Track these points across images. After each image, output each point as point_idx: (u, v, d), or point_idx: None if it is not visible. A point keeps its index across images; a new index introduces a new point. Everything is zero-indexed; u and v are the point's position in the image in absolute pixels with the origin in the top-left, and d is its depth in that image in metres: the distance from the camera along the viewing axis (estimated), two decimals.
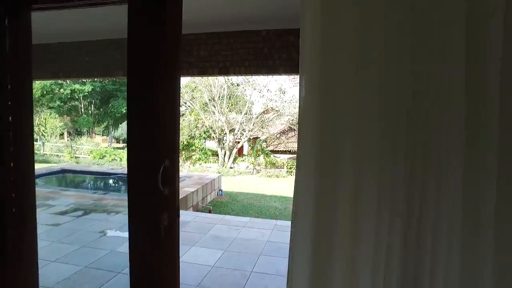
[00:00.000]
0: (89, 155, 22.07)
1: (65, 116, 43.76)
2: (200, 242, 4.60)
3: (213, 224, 5.45)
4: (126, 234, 4.92)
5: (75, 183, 10.76)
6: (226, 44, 5.38)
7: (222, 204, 9.55)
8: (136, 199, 1.55)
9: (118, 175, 10.60)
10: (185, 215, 5.99)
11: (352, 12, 1.27)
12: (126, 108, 1.67)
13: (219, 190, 10.29)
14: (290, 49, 5.15)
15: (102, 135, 46.68)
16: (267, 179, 16.43)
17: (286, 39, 5.13)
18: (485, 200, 1.20)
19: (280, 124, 24.00)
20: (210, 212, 8.36)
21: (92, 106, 45.03)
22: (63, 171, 11.19)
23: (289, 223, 4.79)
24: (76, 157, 21.89)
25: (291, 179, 17.05)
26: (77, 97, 38.99)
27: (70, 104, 40.30)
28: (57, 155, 23.00)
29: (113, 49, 5.92)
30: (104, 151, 21.50)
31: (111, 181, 10.91)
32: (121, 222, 5.37)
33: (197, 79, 19.18)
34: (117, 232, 4.90)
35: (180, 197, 6.10)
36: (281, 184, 14.31)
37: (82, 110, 43.79)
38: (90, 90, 37.87)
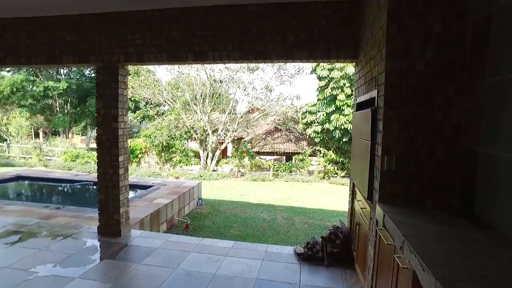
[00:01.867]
0: (60, 157, 20.35)
1: (39, 115, 41.38)
2: (167, 284, 3.42)
3: (187, 252, 4.28)
4: (67, 272, 3.68)
5: (28, 194, 9.33)
6: (204, 22, 4.22)
7: (202, 216, 8.35)
8: None
9: (83, 183, 9.23)
10: (152, 239, 4.78)
11: None
12: None
13: (199, 199, 9.10)
14: (286, 29, 4.05)
15: (82, 135, 44.51)
16: (252, 183, 15.30)
17: (281, 17, 4.02)
18: None
19: (265, 124, 22.94)
20: (187, 227, 7.15)
21: (68, 105, 42.77)
22: (18, 178, 9.74)
23: (282, 249, 3.58)
24: (47, 160, 20.16)
25: (278, 183, 16.12)
26: (51, 94, 36.74)
27: (43, 103, 37.96)
28: (24, 158, 21.14)
29: (59, 29, 4.65)
30: (76, 153, 19.81)
31: (72, 190, 9.50)
32: (66, 252, 4.12)
33: (177, 73, 17.85)
34: (55, 269, 3.66)
35: (150, 212, 4.86)
36: (268, 190, 13.22)
37: (58, 109, 41.45)
38: (65, 87, 35.73)
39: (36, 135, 49.06)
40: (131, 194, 8.68)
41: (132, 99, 19.77)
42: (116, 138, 4.58)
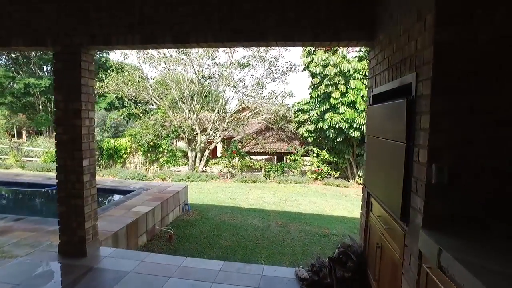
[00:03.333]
0: (40, 158, 19.19)
1: (21, 114, 39.79)
2: None
3: (166, 278, 3.50)
4: None
5: None
6: None
7: (188, 224, 7.55)
8: None
9: (53, 187, 8.30)
10: (124, 259, 3.98)
11: None
12: None
13: (185, 204, 8.28)
14: (284, 5, 3.30)
15: None
16: (243, 185, 14.53)
17: None
18: None
19: (256, 123, 22.19)
20: (170, 238, 6.35)
21: (52, 103, 41.19)
22: None
23: (281, 271, 2.61)
24: (25, 161, 18.97)
25: (269, 185, 15.33)
26: (32, 92, 35.20)
27: (25, 100, 36.39)
28: (0, 158, 19.89)
29: (6, 3, 3.80)
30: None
31: (40, 196, 8.57)
32: (9, 281, 3.29)
33: (163, 69, 16.94)
34: None
35: (128, 222, 4.01)
36: (259, 192, 12.46)
37: (40, 107, 39.87)
38: (47, 85, 34.25)
39: (19, 134, 47.28)
40: (109, 200, 7.84)
41: (116, 96, 18.82)
42: (79, 137, 3.76)
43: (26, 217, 5.49)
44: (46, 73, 40.14)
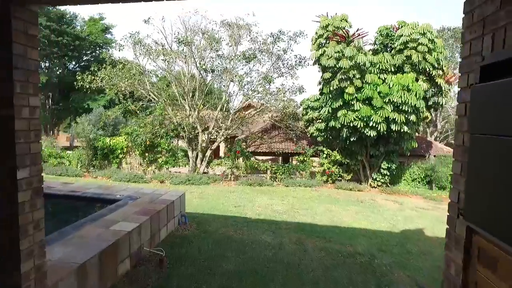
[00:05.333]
0: None
1: None
2: None
3: None
4: None
5: None
6: None
7: (185, 240, 6.27)
8: None
9: None
10: None
11: None
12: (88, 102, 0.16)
13: (181, 216, 7.01)
14: None
15: (66, 132, 41.98)
16: (248, 189, 13.25)
17: None
18: None
19: (262, 122, 20.87)
20: (161, 263, 5.07)
21: (50, 100, 40.11)
22: None
23: None
24: None
25: (277, 189, 13.62)
26: None
27: None
28: None
29: None
30: (48, 152, 17.50)
31: None
32: None
33: (161, 62, 15.65)
34: None
35: (102, 247, 2.70)
36: (267, 198, 11.16)
37: None
38: (44, 81, 33.06)
39: None
40: (87, 212, 6.51)
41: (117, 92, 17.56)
42: (11, 136, 2.48)
43: None
44: (44, 69, 39.07)
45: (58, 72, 36.61)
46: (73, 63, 41.02)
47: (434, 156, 18.69)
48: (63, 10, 35.86)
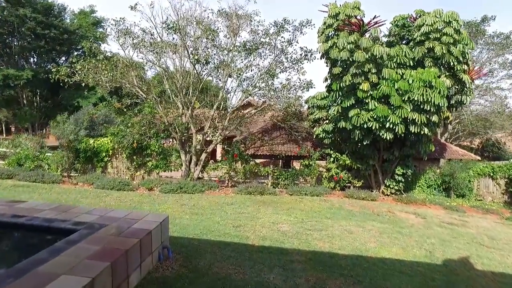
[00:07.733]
0: (5, 161, 16.19)
1: (2, 108, 36.75)
2: None
3: None
4: None
5: None
6: None
7: (166, 286, 4.58)
8: None
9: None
10: None
11: None
12: (78, 100, 0.16)
13: (163, 248, 5.29)
14: None
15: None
16: (248, 199, 11.54)
17: None
18: None
19: (262, 121, 19.18)
20: None
21: (38, 97, 38.10)
22: None
23: None
24: None
25: (281, 198, 11.43)
26: (12, 84, 32.05)
27: (6, 94, 33.28)
28: None
29: None
30: (25, 154, 15.68)
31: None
32: None
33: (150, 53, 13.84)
34: None
35: None
36: (271, 213, 9.44)
37: (25, 102, 36.79)
38: (29, 77, 31.05)
39: (8, 131, 44.15)
40: (20, 255, 4.55)
41: (111, 91, 15.71)
42: None
43: None
44: (32, 64, 37.01)
45: (46, 68, 34.56)
46: (63, 58, 39.04)
47: (449, 160, 17.08)
48: (51, 1, 33.81)
